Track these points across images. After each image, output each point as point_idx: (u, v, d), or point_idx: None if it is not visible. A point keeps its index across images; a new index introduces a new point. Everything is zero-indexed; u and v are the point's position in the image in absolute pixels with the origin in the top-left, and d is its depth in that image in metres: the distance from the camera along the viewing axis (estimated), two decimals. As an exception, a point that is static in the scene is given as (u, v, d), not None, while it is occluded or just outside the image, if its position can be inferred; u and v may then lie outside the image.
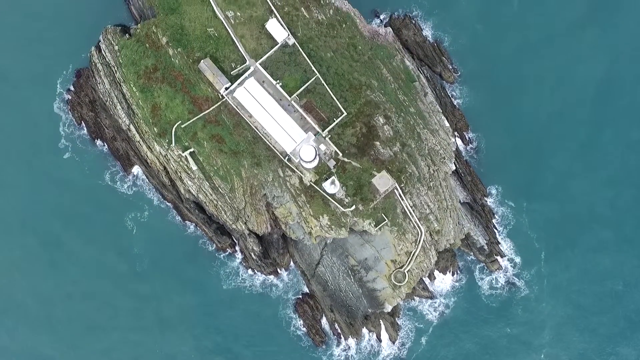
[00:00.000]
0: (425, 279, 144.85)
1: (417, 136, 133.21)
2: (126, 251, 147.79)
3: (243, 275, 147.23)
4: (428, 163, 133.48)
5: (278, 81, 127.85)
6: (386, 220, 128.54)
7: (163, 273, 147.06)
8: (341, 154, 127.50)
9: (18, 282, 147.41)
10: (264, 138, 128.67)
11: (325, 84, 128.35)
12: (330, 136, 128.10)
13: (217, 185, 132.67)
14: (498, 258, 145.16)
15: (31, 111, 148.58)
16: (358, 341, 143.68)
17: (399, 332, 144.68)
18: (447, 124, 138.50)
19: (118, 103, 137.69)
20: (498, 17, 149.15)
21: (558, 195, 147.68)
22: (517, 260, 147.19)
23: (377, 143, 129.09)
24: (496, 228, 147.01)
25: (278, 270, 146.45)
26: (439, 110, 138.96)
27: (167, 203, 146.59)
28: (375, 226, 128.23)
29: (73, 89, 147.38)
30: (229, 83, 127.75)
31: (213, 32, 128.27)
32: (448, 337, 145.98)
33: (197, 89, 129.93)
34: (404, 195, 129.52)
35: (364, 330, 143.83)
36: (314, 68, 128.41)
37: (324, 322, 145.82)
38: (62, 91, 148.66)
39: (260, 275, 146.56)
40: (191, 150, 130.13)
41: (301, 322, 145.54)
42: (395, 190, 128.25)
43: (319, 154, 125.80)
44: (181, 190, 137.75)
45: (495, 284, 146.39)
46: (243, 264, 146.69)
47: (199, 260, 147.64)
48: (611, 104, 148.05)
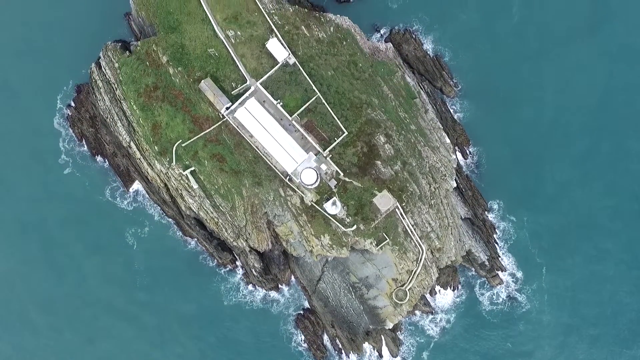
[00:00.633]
0: (426, 294, 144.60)
1: (418, 154, 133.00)
2: (127, 267, 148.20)
3: (244, 290, 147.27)
4: (429, 181, 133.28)
5: (279, 101, 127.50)
6: (387, 239, 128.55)
7: (164, 289, 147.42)
8: (342, 174, 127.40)
9: (17, 297, 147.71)
10: (265, 158, 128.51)
11: (326, 104, 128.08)
12: (331, 156, 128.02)
13: (218, 203, 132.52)
14: (499, 273, 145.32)
15: (31, 127, 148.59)
16: (359, 357, 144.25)
17: (400, 348, 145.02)
18: (448, 141, 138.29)
19: (119, 120, 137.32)
20: (498, 31, 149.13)
21: (559, 209, 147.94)
22: (519, 275, 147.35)
23: (378, 162, 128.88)
24: (497, 243, 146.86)
25: (279, 285, 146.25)
26: (440, 126, 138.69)
27: (168, 219, 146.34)
28: (376, 245, 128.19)
29: (73, 105, 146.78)
30: (230, 103, 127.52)
31: (214, 52, 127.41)
32: (449, 353, 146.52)
33: (198, 108, 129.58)
34: (405, 214, 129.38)
35: (365, 345, 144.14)
36: (315, 87, 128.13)
37: (325, 338, 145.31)
38: (62, 107, 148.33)
39: (261, 290, 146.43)
40: (192, 169, 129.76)
41: (302, 338, 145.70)
42: (396, 209, 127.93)
43: (320, 174, 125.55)
44: (182, 207, 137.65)
45: (496, 300, 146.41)
46: (244, 280, 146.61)
47: (200, 276, 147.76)
48: (611, 116, 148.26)
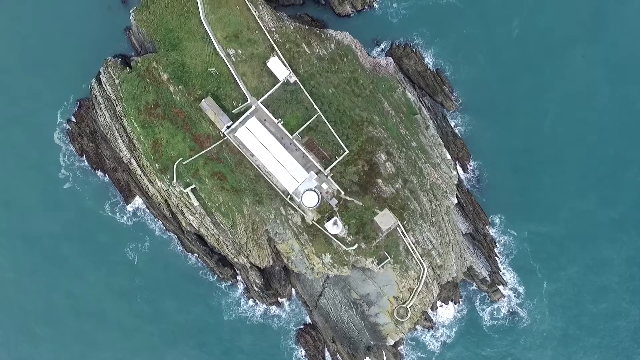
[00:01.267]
0: (427, 310, 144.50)
1: (419, 171, 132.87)
2: (128, 281, 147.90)
3: (244, 305, 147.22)
4: (430, 198, 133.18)
5: (280, 119, 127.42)
6: (389, 258, 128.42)
7: (164, 304, 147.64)
8: (343, 192, 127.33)
9: (18, 310, 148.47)
10: (266, 177, 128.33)
11: (327, 122, 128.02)
12: (332, 174, 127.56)
13: (219, 221, 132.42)
14: (500, 287, 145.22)
15: (32, 141, 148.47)
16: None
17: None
18: (449, 157, 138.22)
19: (119, 136, 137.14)
20: (498, 45, 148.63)
21: (560, 222, 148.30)
22: (521, 289, 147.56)
23: (379, 180, 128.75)
24: (498, 257, 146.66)
25: (280, 300, 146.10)
26: (441, 142, 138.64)
27: (169, 233, 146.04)
28: (377, 264, 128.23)
29: (74, 120, 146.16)
30: (231, 121, 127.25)
31: (215, 71, 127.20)
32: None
33: (199, 127, 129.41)
34: (407, 232, 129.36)
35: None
36: (316, 106, 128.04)
37: (327, 354, 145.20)
38: (63, 121, 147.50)
39: (261, 305, 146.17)
40: (193, 186, 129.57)
41: (303, 353, 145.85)
42: (397, 227, 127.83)
43: (321, 193, 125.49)
44: (182, 223, 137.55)
45: (497, 315, 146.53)
46: (245, 295, 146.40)
47: (201, 291, 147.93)
48: (612, 130, 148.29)
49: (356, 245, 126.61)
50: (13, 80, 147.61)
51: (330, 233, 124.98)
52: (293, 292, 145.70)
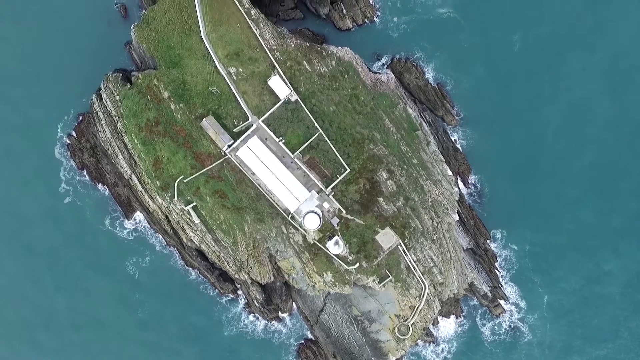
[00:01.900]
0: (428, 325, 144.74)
1: (420, 188, 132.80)
2: (128, 297, 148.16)
3: (245, 320, 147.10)
4: (431, 215, 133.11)
5: (281, 138, 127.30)
6: (390, 276, 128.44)
7: (165, 318, 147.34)
8: (344, 211, 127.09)
9: (18, 324, 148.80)
10: (267, 195, 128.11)
11: (328, 140, 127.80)
12: (333, 193, 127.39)
13: (220, 238, 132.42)
14: (501, 302, 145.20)
15: (32, 156, 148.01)
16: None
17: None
18: (450, 173, 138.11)
19: (120, 153, 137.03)
20: (499, 60, 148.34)
21: (562, 236, 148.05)
22: (522, 304, 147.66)
23: (381, 199, 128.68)
24: (499, 272, 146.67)
25: (281, 314, 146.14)
26: (442, 159, 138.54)
27: (170, 248, 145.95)
28: (379, 283, 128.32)
29: (74, 134, 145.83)
30: (232, 140, 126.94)
31: (216, 91, 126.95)
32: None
33: (200, 145, 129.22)
34: (408, 250, 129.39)
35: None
36: (317, 124, 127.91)
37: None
38: (63, 135, 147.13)
39: (262, 320, 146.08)
40: (193, 204, 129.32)
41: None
42: (399, 246, 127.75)
43: (323, 212, 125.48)
44: (183, 239, 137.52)
45: (497, 330, 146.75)
46: (246, 310, 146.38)
47: (201, 305, 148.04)
48: (613, 141, 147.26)
49: (357, 264, 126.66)
50: (14, 93, 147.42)
51: (331, 253, 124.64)
52: (294, 307, 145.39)
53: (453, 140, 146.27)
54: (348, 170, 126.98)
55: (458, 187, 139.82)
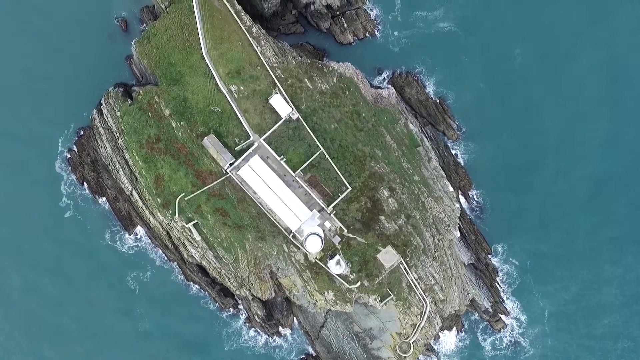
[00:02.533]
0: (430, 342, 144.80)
1: (422, 205, 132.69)
2: (128, 311, 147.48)
3: (246, 335, 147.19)
4: (433, 233, 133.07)
5: (282, 157, 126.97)
6: (391, 295, 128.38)
7: (165, 333, 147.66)
8: (346, 230, 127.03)
9: (18, 345, 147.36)
10: (269, 214, 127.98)
11: (329, 159, 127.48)
12: (335, 212, 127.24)
13: (221, 255, 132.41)
14: (502, 317, 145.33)
15: (33, 170, 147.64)
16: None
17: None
18: (451, 189, 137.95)
19: (120, 168, 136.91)
20: (500, 74, 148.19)
21: (563, 253, 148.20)
22: (523, 319, 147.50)
23: (382, 217, 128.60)
24: (500, 286, 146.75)
25: (282, 329, 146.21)
26: (443, 175, 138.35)
27: (171, 263, 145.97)
28: (380, 301, 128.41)
29: (75, 148, 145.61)
30: (233, 159, 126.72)
31: (217, 110, 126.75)
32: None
33: (201, 163, 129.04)
34: (409, 268, 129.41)
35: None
36: (318, 142, 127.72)
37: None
38: (64, 150, 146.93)
39: (263, 335, 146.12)
40: (194, 222, 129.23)
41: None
42: (400, 264, 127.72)
43: (324, 231, 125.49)
44: (184, 255, 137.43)
45: (498, 345, 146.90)
46: (246, 325, 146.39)
47: (202, 320, 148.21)
48: (613, 157, 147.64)
49: (359, 283, 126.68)
50: (14, 107, 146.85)
51: (333, 272, 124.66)
52: (295, 322, 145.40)
53: (454, 154, 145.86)
54: (349, 188, 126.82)
55: (459, 203, 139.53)
